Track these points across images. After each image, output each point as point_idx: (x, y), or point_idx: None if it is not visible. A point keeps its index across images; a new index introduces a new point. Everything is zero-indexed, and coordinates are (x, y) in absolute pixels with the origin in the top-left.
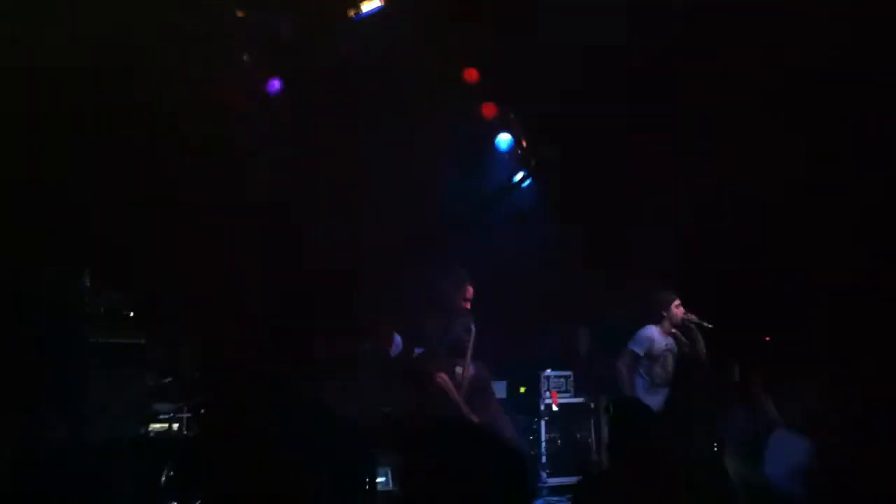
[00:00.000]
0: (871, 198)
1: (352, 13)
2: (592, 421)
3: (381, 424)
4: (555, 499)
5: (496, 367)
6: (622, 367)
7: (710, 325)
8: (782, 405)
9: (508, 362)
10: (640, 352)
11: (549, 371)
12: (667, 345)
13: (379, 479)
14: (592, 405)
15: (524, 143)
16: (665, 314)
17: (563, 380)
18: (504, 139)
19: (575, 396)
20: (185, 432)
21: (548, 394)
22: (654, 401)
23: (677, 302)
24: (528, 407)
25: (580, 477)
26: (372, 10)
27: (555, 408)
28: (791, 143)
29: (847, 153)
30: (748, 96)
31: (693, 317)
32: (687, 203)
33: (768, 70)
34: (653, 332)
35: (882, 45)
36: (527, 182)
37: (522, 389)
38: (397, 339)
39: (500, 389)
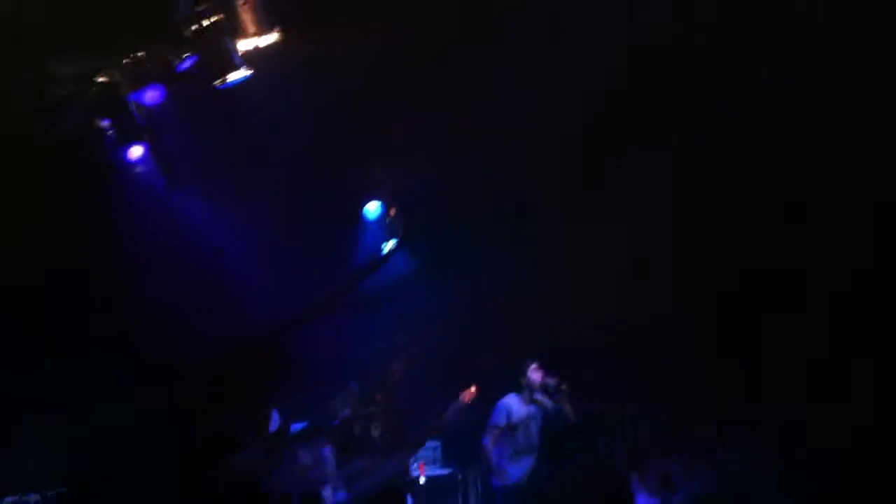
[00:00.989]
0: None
1: (217, 83)
2: (461, 493)
3: None
4: None
5: None
6: (486, 442)
7: (565, 388)
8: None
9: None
10: (501, 422)
11: None
12: (528, 412)
13: None
14: (460, 476)
15: (393, 211)
16: (522, 380)
17: (431, 451)
18: (373, 208)
19: (442, 468)
20: None
21: (416, 465)
22: (517, 470)
23: (534, 366)
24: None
25: None
26: (239, 80)
27: (422, 480)
28: None
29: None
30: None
31: (551, 380)
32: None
33: None
34: (511, 400)
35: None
36: (398, 250)
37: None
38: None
39: None
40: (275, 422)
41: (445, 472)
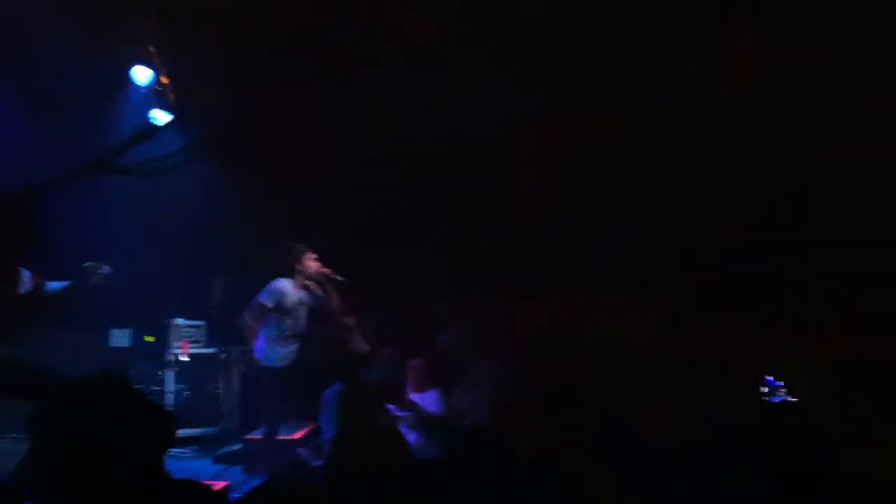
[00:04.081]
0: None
1: None
2: (224, 372)
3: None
4: (177, 451)
5: (121, 314)
6: (248, 319)
7: (343, 279)
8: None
9: (135, 309)
10: (270, 304)
11: (179, 320)
12: (299, 298)
13: None
14: (224, 356)
15: (164, 80)
16: (298, 267)
17: (194, 329)
18: (143, 73)
19: (207, 347)
20: None
21: (178, 343)
22: (284, 352)
23: (311, 255)
24: (156, 357)
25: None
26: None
27: (185, 358)
28: None
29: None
30: None
31: (327, 271)
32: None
33: None
34: (284, 284)
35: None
36: (165, 119)
37: (150, 338)
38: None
39: (124, 338)
40: (26, 281)
41: (210, 350)
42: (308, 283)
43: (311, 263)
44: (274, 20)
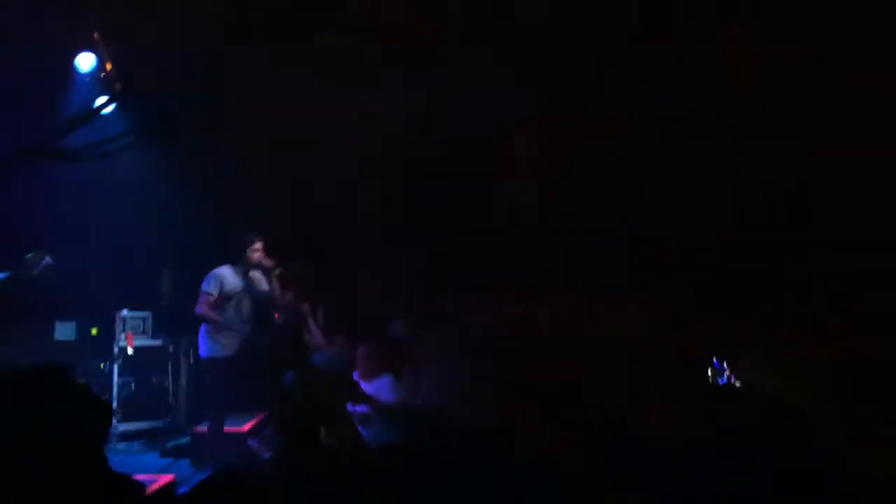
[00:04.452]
0: None
1: None
2: (170, 364)
3: None
4: (124, 445)
5: (65, 306)
6: (200, 311)
7: (280, 271)
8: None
9: (79, 302)
10: (211, 290)
11: (125, 311)
12: (242, 285)
13: None
14: (171, 348)
15: (108, 66)
16: (242, 254)
17: (140, 321)
18: (86, 60)
19: (153, 339)
20: None
21: (123, 335)
22: (225, 342)
23: (256, 245)
24: (101, 349)
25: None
26: None
27: (130, 350)
28: None
29: None
30: None
31: (268, 261)
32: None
33: None
34: (224, 271)
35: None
36: (111, 107)
37: (95, 331)
38: None
39: (69, 331)
40: None
41: (156, 342)
42: (253, 272)
43: (256, 253)
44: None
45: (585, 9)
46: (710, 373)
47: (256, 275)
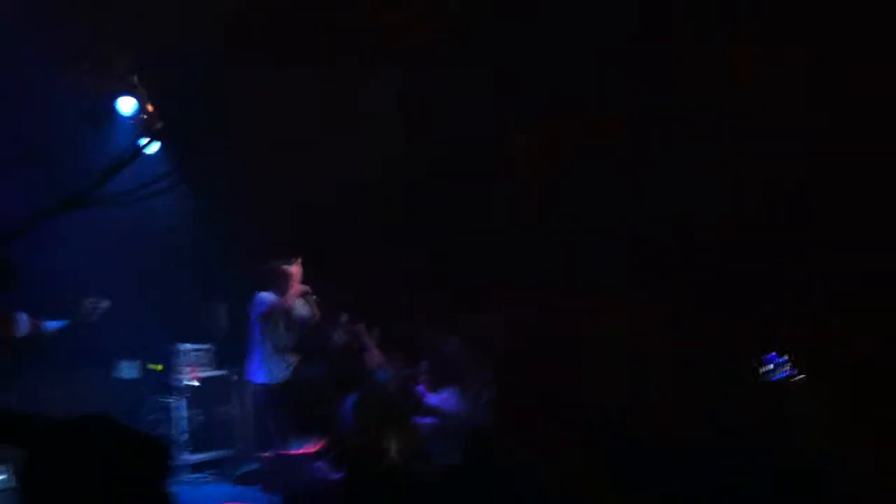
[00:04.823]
0: None
1: None
2: (234, 393)
3: None
4: (199, 476)
5: (126, 346)
6: (261, 331)
7: (316, 298)
8: None
9: (139, 339)
10: (263, 313)
11: (186, 345)
12: (286, 312)
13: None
14: (235, 377)
15: (150, 108)
16: (282, 283)
17: (201, 353)
18: (127, 104)
19: (215, 370)
20: None
21: (187, 369)
22: (278, 369)
23: (293, 271)
24: (166, 385)
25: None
26: None
27: (195, 383)
28: None
29: None
30: None
31: (306, 288)
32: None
33: None
34: (266, 297)
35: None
36: (153, 148)
37: (159, 367)
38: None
39: (133, 370)
40: (23, 324)
41: (219, 372)
42: (293, 298)
43: (295, 280)
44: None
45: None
46: (765, 368)
47: (297, 301)
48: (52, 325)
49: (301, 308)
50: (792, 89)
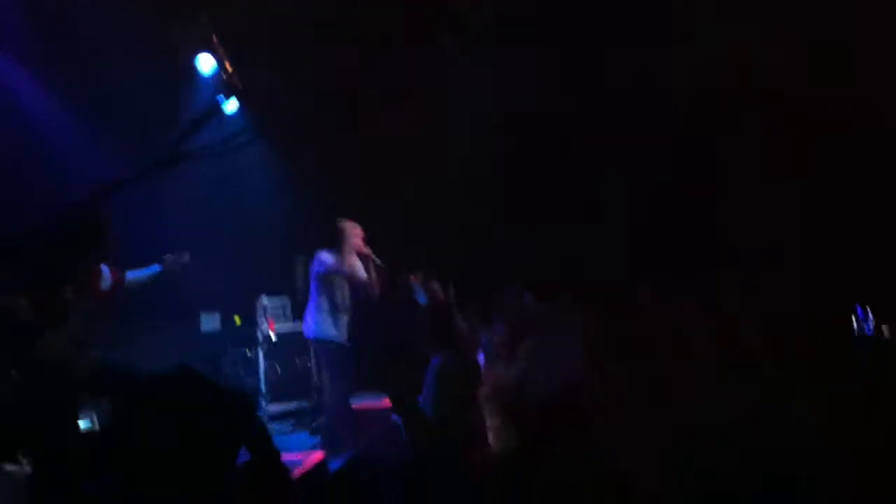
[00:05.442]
0: None
1: None
2: (312, 346)
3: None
4: (277, 426)
5: (207, 298)
6: (318, 289)
7: (380, 263)
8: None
9: (220, 292)
10: (321, 270)
11: (265, 298)
12: (345, 269)
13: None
14: None
15: (229, 67)
16: (343, 242)
17: (280, 307)
18: (206, 62)
19: (294, 322)
20: None
21: (265, 322)
22: (337, 327)
23: (357, 232)
24: (246, 337)
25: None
26: None
27: (273, 336)
28: None
29: None
30: None
31: (368, 250)
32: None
33: None
34: (326, 255)
35: None
36: (234, 107)
37: (238, 320)
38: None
39: (214, 322)
40: (107, 276)
41: (297, 326)
42: (351, 258)
43: (356, 239)
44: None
45: None
46: (854, 323)
47: (356, 262)
48: (132, 274)
49: (360, 270)
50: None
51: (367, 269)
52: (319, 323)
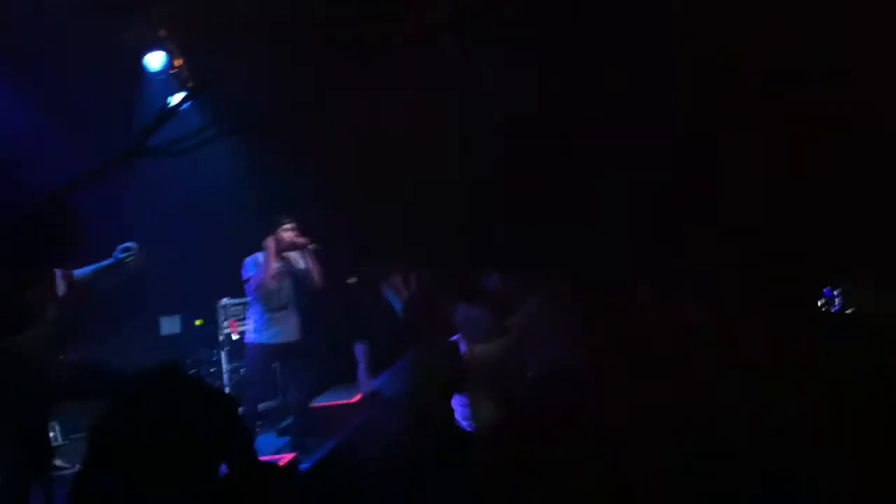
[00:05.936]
0: None
1: None
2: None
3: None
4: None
5: (167, 302)
6: (250, 286)
7: (317, 248)
8: None
9: (180, 295)
10: (251, 275)
11: (226, 300)
12: (277, 268)
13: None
14: None
15: (178, 62)
16: (268, 246)
17: (242, 307)
18: (156, 59)
19: None
20: None
21: (226, 323)
22: (273, 328)
23: (287, 226)
24: (207, 339)
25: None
26: None
27: (235, 336)
28: None
29: None
30: None
31: (301, 240)
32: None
33: None
34: (258, 257)
35: None
36: (186, 104)
37: (199, 322)
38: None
39: (174, 324)
40: (59, 281)
41: None
42: (287, 253)
43: (287, 233)
44: None
45: None
46: (821, 302)
47: (292, 255)
48: (80, 272)
49: (294, 263)
50: None
51: (305, 259)
52: (257, 328)
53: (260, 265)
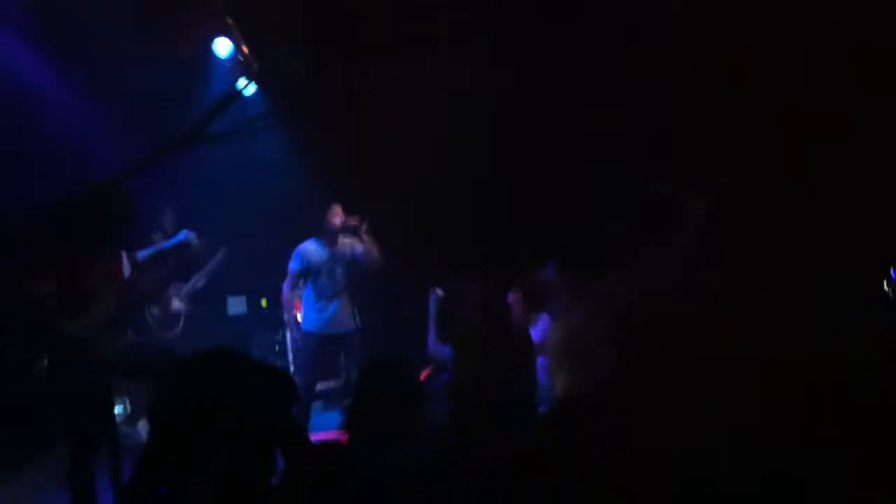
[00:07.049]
0: None
1: None
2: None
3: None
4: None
5: (236, 282)
6: (284, 287)
7: (365, 227)
8: None
9: (247, 276)
10: (297, 268)
11: None
12: (329, 255)
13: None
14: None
15: (245, 49)
16: (325, 226)
17: None
18: (223, 46)
19: None
20: None
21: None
22: (320, 314)
23: (334, 210)
24: (272, 320)
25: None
26: None
27: (299, 317)
28: None
29: None
30: None
31: (354, 221)
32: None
33: None
34: (307, 245)
35: None
36: (252, 90)
37: (264, 302)
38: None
39: (240, 305)
40: (125, 264)
41: None
42: (341, 238)
43: (336, 218)
44: None
45: None
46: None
47: (346, 240)
48: (143, 253)
49: (350, 248)
50: None
51: (362, 240)
52: (311, 317)
53: (304, 253)
